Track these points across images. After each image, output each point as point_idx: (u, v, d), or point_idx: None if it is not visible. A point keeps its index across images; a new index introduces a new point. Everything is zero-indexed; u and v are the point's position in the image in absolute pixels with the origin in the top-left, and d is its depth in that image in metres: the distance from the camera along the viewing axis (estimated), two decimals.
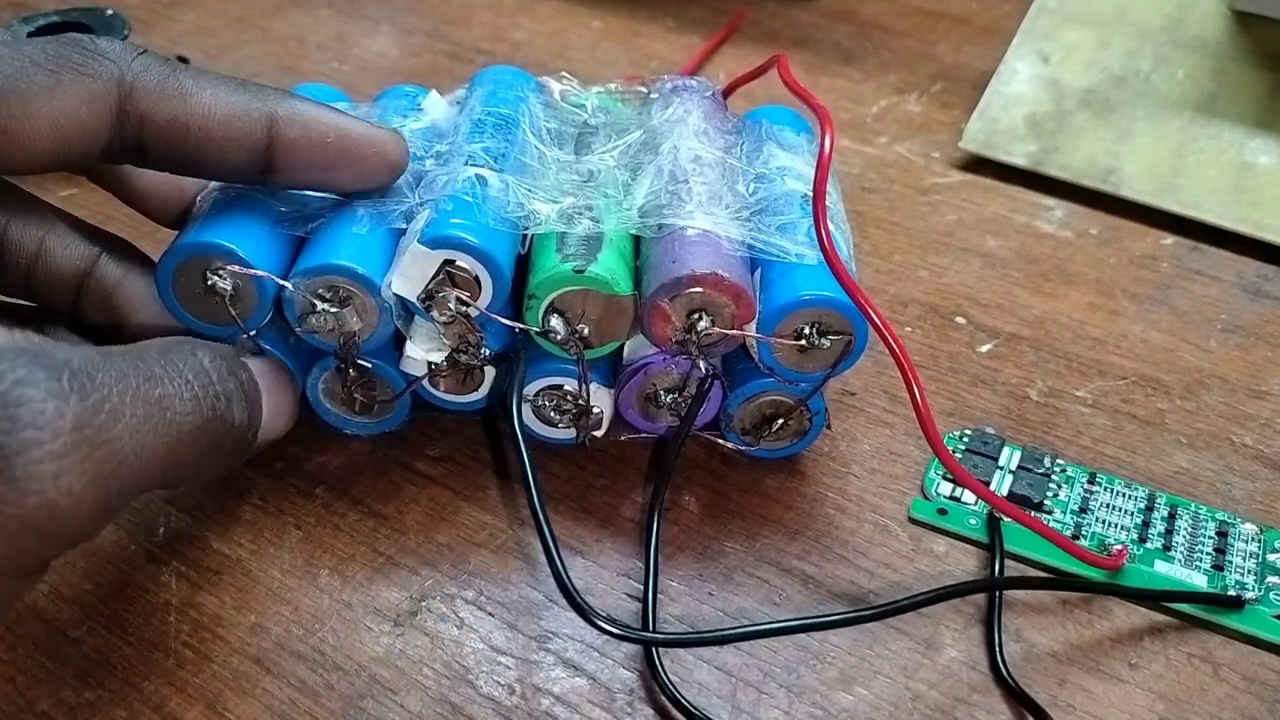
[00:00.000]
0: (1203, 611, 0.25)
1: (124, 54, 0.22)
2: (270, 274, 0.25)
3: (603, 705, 0.23)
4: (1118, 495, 0.28)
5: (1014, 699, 0.24)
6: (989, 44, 0.48)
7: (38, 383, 0.17)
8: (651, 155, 0.28)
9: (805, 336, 0.25)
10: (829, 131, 0.25)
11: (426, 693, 0.24)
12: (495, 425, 0.30)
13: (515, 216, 0.26)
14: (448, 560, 0.26)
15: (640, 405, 0.28)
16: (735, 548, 0.27)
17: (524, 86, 0.31)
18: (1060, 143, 0.40)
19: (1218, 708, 0.24)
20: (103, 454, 0.17)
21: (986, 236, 0.38)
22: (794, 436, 0.28)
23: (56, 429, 0.17)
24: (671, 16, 0.51)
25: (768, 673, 0.24)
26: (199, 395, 0.20)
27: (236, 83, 0.24)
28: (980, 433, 0.30)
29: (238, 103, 0.23)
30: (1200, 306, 0.35)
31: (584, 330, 0.26)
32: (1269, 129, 0.39)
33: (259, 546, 0.27)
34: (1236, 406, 0.31)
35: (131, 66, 0.22)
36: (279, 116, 0.24)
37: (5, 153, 0.21)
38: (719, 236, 0.26)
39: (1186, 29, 0.42)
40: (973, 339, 0.33)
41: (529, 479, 0.24)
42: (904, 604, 0.24)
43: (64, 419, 0.17)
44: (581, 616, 0.23)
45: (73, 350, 0.18)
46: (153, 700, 0.23)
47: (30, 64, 0.21)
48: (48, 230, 0.25)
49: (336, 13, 0.51)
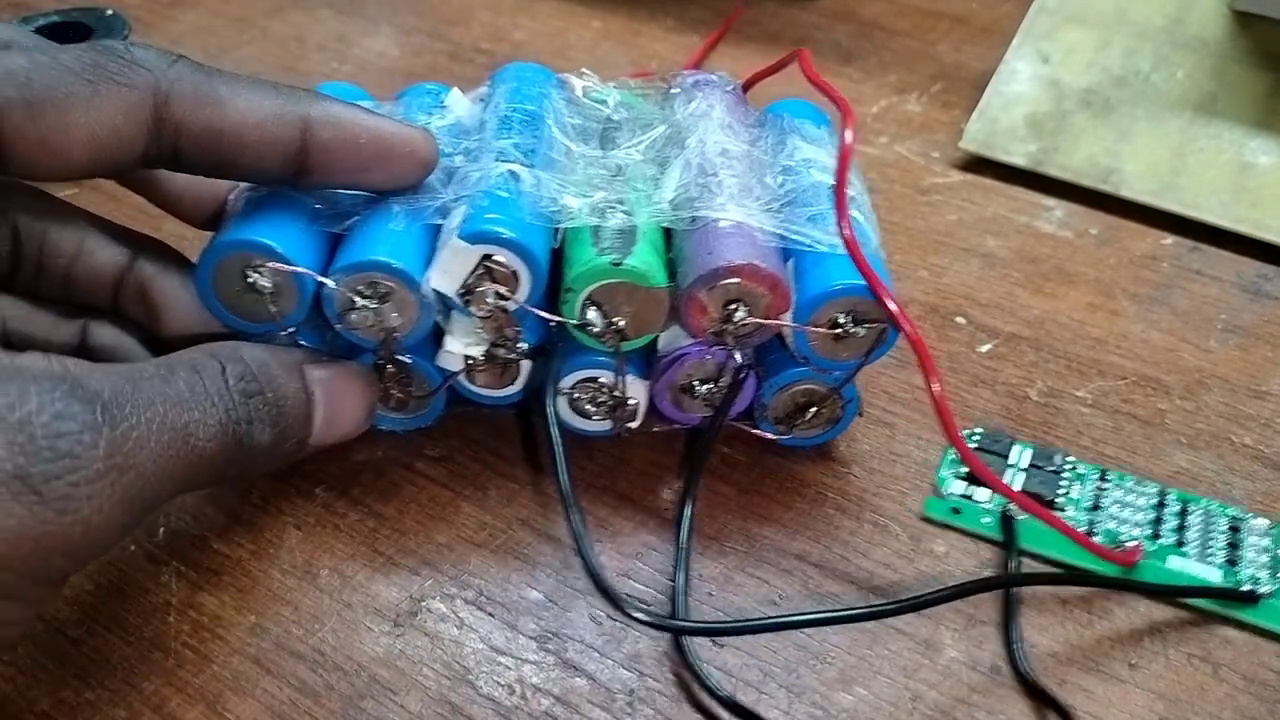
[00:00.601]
0: (1217, 606, 0.25)
1: (159, 62, 0.22)
2: (310, 271, 0.25)
3: (603, 705, 0.23)
4: (1129, 492, 0.28)
5: (1032, 696, 0.24)
6: (989, 44, 0.48)
7: (74, 415, 0.18)
8: (678, 149, 0.28)
9: (840, 325, 0.26)
10: (850, 124, 0.26)
11: (426, 693, 0.24)
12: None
13: (549, 211, 0.26)
14: (448, 560, 0.26)
15: (675, 396, 0.28)
16: (735, 548, 0.27)
17: (546, 83, 0.31)
18: (1060, 143, 0.40)
19: (1218, 708, 0.24)
20: (129, 478, 0.19)
21: (986, 236, 0.38)
22: (826, 425, 0.28)
23: (91, 457, 0.18)
24: (671, 16, 0.51)
25: (767, 673, 0.24)
26: (222, 420, 0.21)
27: (270, 86, 0.24)
28: (991, 431, 0.30)
29: (271, 107, 0.23)
30: (1200, 306, 0.35)
31: (620, 322, 0.26)
32: (1269, 129, 0.39)
33: (259, 546, 0.27)
34: (1236, 406, 0.31)
35: (167, 74, 0.22)
36: (313, 119, 0.24)
37: (43, 163, 0.21)
38: (752, 228, 0.26)
39: (1186, 29, 0.42)
40: (973, 339, 0.33)
41: (560, 469, 0.24)
42: (928, 598, 0.24)
43: (98, 448, 0.18)
44: (613, 604, 0.23)
45: (105, 378, 0.19)
46: (153, 700, 0.23)
47: (67, 73, 0.21)
48: (84, 235, 0.26)
49: (336, 13, 0.51)
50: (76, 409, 0.18)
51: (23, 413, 0.18)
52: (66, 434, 0.18)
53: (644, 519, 0.27)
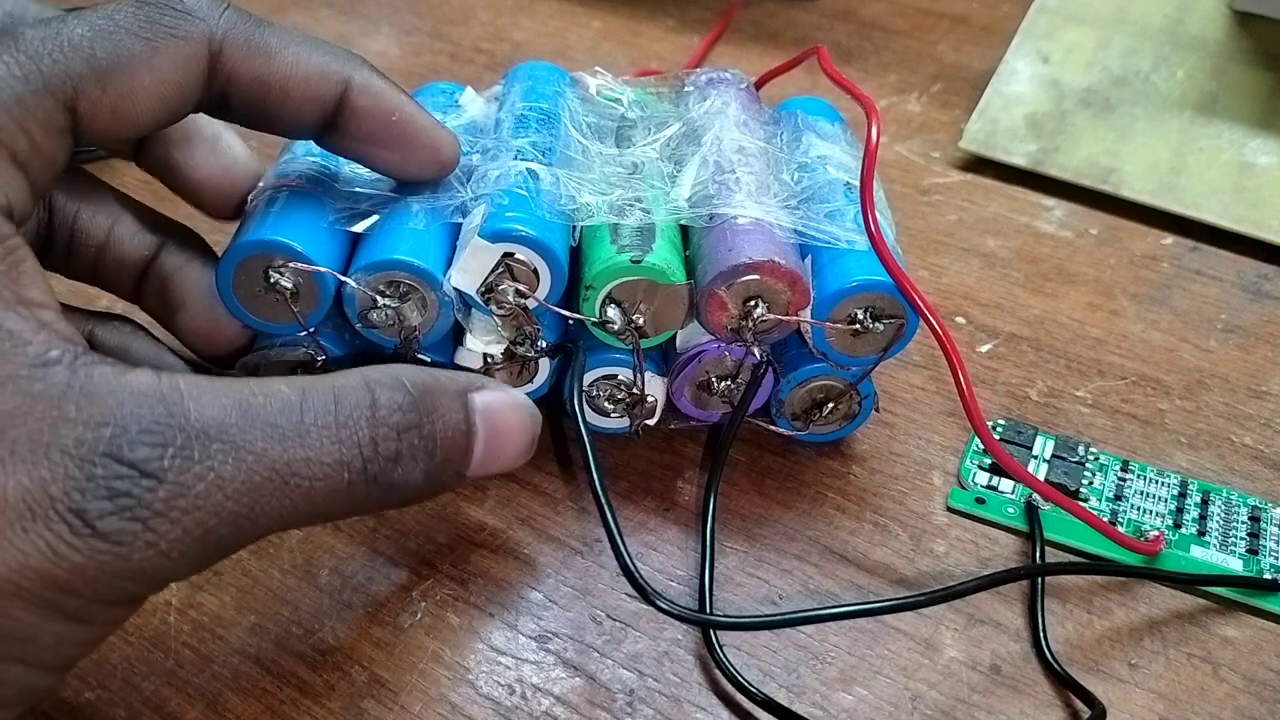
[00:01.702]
0: (1240, 595, 0.26)
1: (211, 10, 0.22)
2: (331, 270, 0.25)
3: (603, 705, 0.23)
4: (1151, 482, 0.28)
5: (1060, 684, 0.24)
6: (989, 44, 0.48)
7: (141, 455, 0.17)
8: (694, 147, 0.28)
9: (859, 321, 0.26)
10: (875, 120, 0.26)
11: (426, 693, 0.24)
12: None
13: (568, 209, 0.26)
14: (448, 560, 0.26)
15: (693, 393, 0.28)
16: (735, 548, 0.27)
17: (560, 81, 0.31)
18: (1060, 143, 0.40)
19: (1218, 708, 0.24)
20: (201, 515, 0.18)
21: (986, 236, 0.38)
22: (843, 420, 0.28)
23: (150, 500, 0.17)
24: (671, 16, 0.51)
25: (767, 673, 0.24)
26: (342, 459, 0.19)
27: (316, 42, 0.24)
28: (1013, 422, 0.30)
29: (318, 64, 0.24)
30: (1200, 306, 0.35)
31: (640, 320, 0.26)
32: (1269, 129, 0.39)
33: (259, 546, 0.27)
34: (1236, 406, 0.31)
35: (220, 24, 0.22)
36: (354, 84, 0.24)
37: (114, 130, 0.21)
38: (771, 224, 0.26)
39: (1186, 29, 0.42)
40: (973, 339, 0.33)
41: (591, 464, 0.24)
42: (956, 590, 0.24)
43: (156, 492, 0.17)
44: (643, 598, 0.23)
45: (213, 404, 0.18)
46: (153, 700, 0.23)
47: (126, 35, 0.21)
48: (116, 219, 0.26)
49: (337, 13, 0.51)
50: (142, 450, 0.17)
51: (91, 442, 0.17)
52: (124, 475, 0.17)
53: (644, 518, 0.27)
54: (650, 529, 0.27)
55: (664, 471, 0.29)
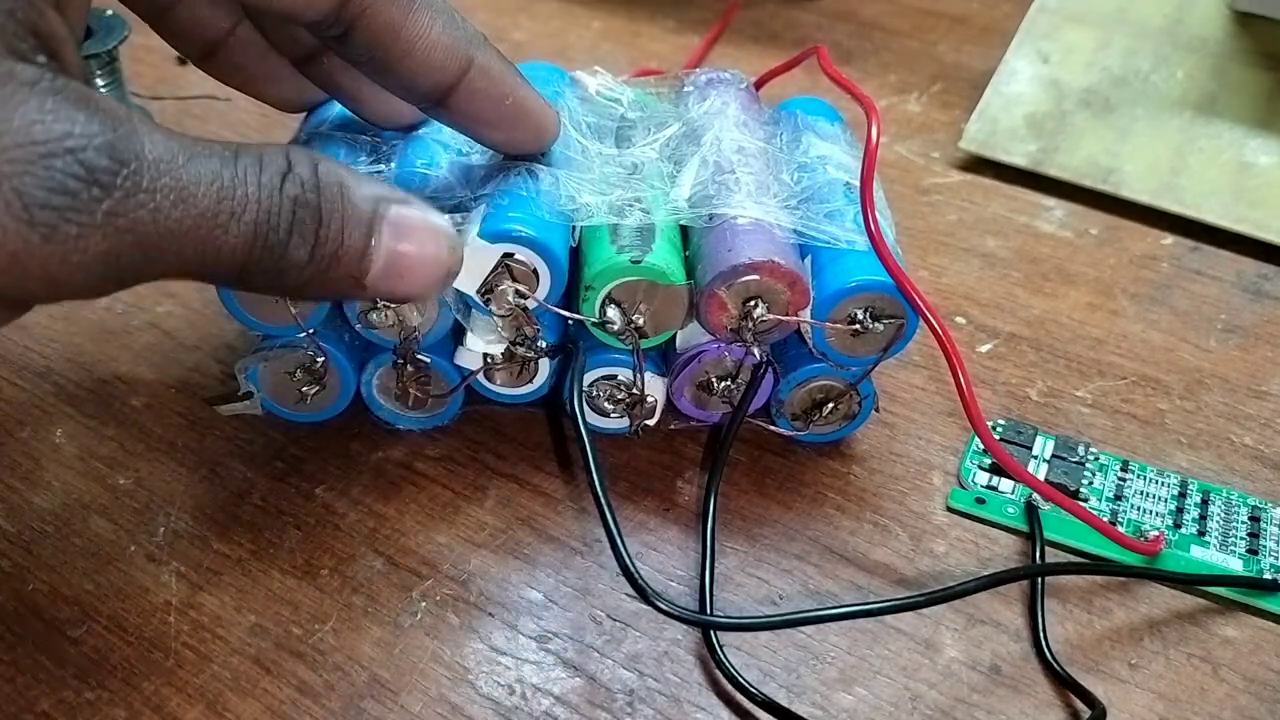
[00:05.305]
0: (1240, 595, 0.26)
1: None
2: None
3: (603, 705, 0.23)
4: (1151, 482, 0.28)
5: (1060, 684, 0.24)
6: (989, 44, 0.48)
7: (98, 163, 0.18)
8: (694, 147, 0.28)
9: (859, 321, 0.26)
10: (875, 121, 0.26)
11: (426, 693, 0.24)
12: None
13: (568, 209, 0.26)
14: (448, 560, 0.26)
15: (693, 393, 0.28)
16: (735, 548, 0.27)
17: (559, 82, 0.31)
18: (1060, 143, 0.40)
19: (1218, 708, 0.24)
20: (127, 239, 0.18)
21: (986, 236, 0.38)
22: (843, 420, 0.28)
23: (92, 208, 0.18)
24: (671, 17, 0.51)
25: (767, 673, 0.24)
26: (256, 219, 0.19)
27: (450, 12, 0.24)
28: (1013, 422, 0.30)
29: (448, 37, 0.24)
30: (1200, 306, 0.35)
31: (640, 320, 0.26)
32: (1269, 129, 0.39)
33: (259, 546, 0.27)
34: (1236, 406, 0.31)
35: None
36: (476, 64, 0.24)
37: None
38: (771, 225, 0.26)
39: (1186, 29, 0.42)
40: (973, 339, 0.33)
41: (591, 464, 0.24)
42: (956, 590, 0.25)
43: (102, 203, 0.18)
44: (643, 598, 0.23)
45: (164, 141, 0.18)
46: (153, 700, 0.23)
47: None
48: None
49: None
50: (104, 160, 0.18)
51: (56, 138, 0.17)
52: (80, 176, 0.17)
53: (644, 518, 0.27)
54: (650, 529, 0.27)
55: (664, 471, 0.29)
